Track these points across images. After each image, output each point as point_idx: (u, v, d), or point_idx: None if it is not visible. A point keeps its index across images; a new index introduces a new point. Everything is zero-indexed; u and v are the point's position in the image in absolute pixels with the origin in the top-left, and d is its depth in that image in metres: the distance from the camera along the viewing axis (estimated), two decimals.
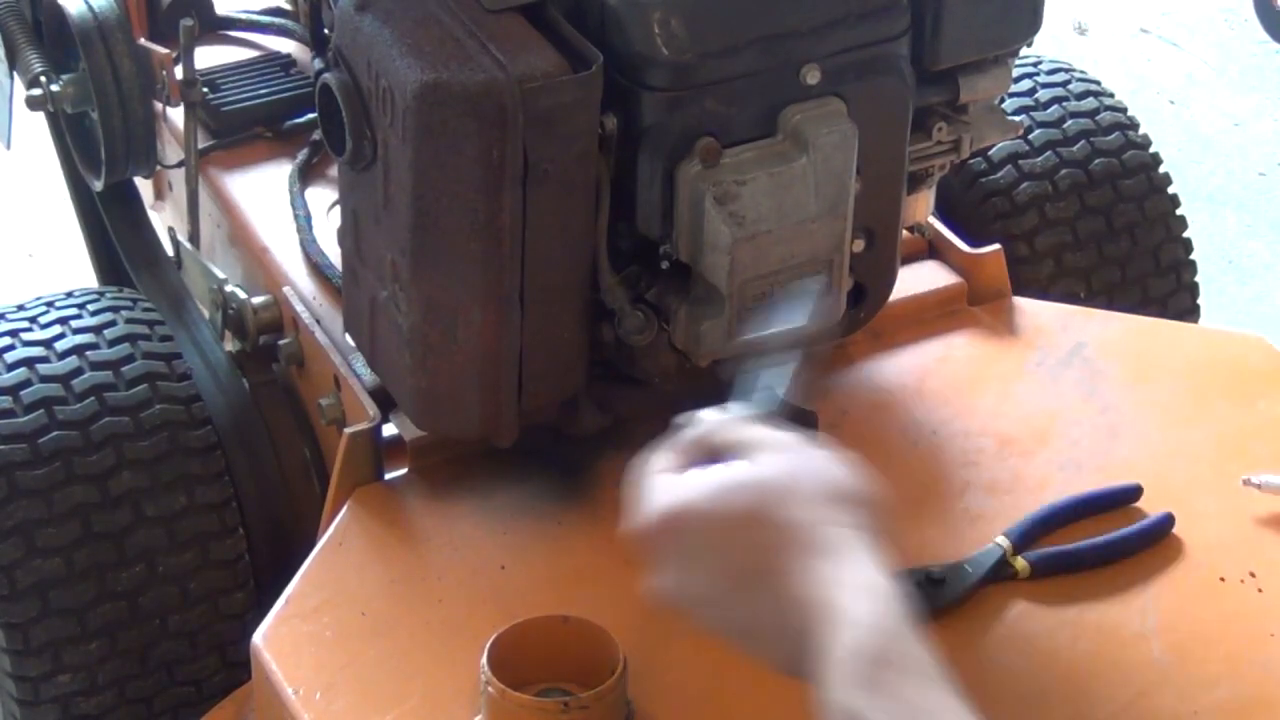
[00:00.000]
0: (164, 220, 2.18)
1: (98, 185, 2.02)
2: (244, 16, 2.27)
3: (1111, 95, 2.19)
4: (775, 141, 1.53)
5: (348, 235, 1.61)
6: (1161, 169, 2.13)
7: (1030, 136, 2.09)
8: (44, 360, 1.80)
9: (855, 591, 1.06)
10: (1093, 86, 2.18)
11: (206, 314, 1.95)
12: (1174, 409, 1.74)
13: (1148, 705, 1.46)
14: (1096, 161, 2.10)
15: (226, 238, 2.01)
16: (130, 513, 1.75)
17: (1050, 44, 1.96)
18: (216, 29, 2.23)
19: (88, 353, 1.81)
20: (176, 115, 2.03)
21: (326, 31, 1.93)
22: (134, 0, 2.10)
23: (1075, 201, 2.08)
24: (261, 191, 2.00)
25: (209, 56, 2.15)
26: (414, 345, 1.53)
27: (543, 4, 1.49)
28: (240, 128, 2.08)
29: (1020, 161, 2.08)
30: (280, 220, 1.95)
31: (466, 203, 1.45)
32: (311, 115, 1.87)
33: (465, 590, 1.55)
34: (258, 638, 1.51)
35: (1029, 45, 1.72)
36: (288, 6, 2.25)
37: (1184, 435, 1.71)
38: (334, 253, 1.80)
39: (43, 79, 1.99)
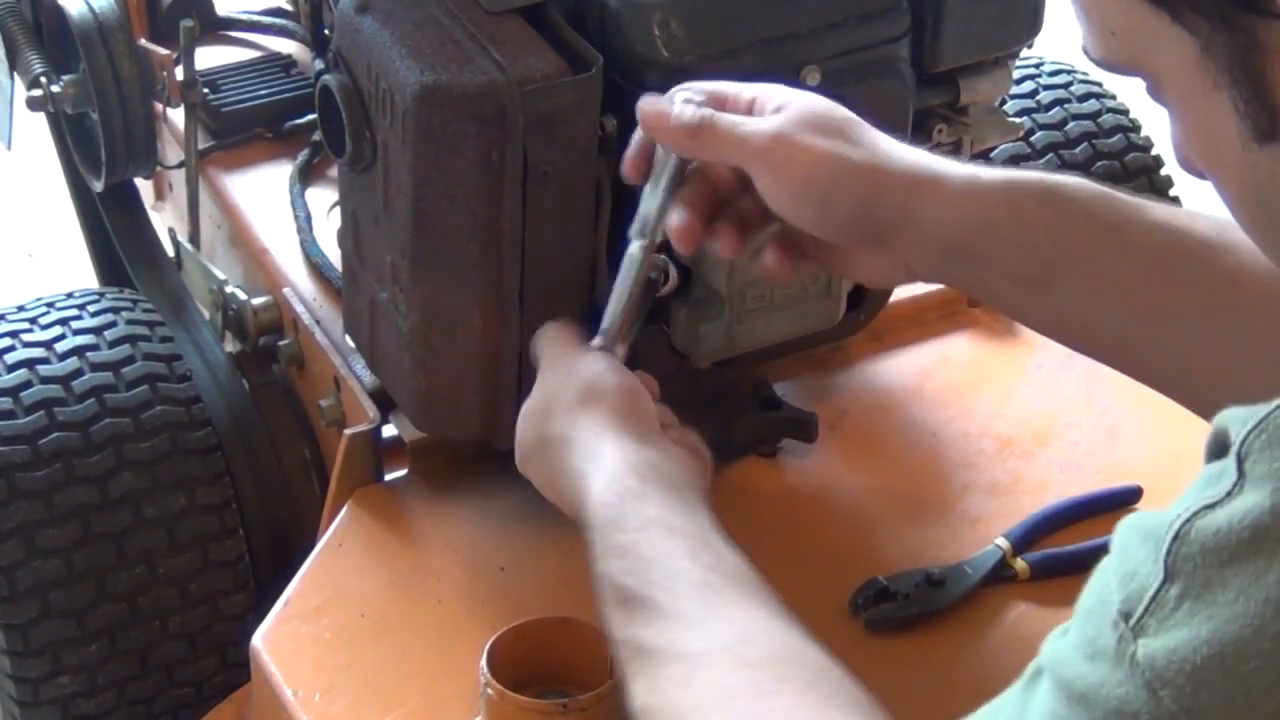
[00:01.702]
0: (164, 221, 2.18)
1: (98, 186, 2.02)
2: (244, 17, 2.26)
3: (1114, 97, 2.19)
4: None
5: (347, 237, 1.61)
6: (1164, 171, 2.13)
7: (1032, 139, 2.09)
8: (44, 361, 1.80)
9: (595, 477, 1.23)
10: (1095, 88, 2.18)
11: (207, 315, 1.95)
12: (1174, 410, 1.73)
13: None
14: (1099, 164, 2.10)
15: (227, 238, 2.01)
16: (130, 514, 1.75)
17: (1051, 45, 1.96)
18: (217, 29, 2.23)
19: (88, 354, 1.81)
20: (177, 116, 2.03)
21: (327, 32, 1.93)
22: (134, 1, 2.10)
23: None
24: (262, 192, 2.00)
25: (209, 57, 2.15)
26: (414, 347, 1.53)
27: (543, 6, 1.49)
28: (240, 128, 2.08)
29: (1022, 164, 2.08)
30: (280, 221, 1.95)
31: (466, 205, 1.45)
32: (312, 116, 1.87)
33: (465, 592, 1.55)
34: (257, 639, 1.51)
35: (1030, 46, 1.72)
36: (288, 7, 2.25)
37: (1184, 436, 1.70)
38: (334, 254, 1.80)
39: (43, 79, 1.99)
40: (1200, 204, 1.29)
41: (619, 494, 1.21)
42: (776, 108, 1.28)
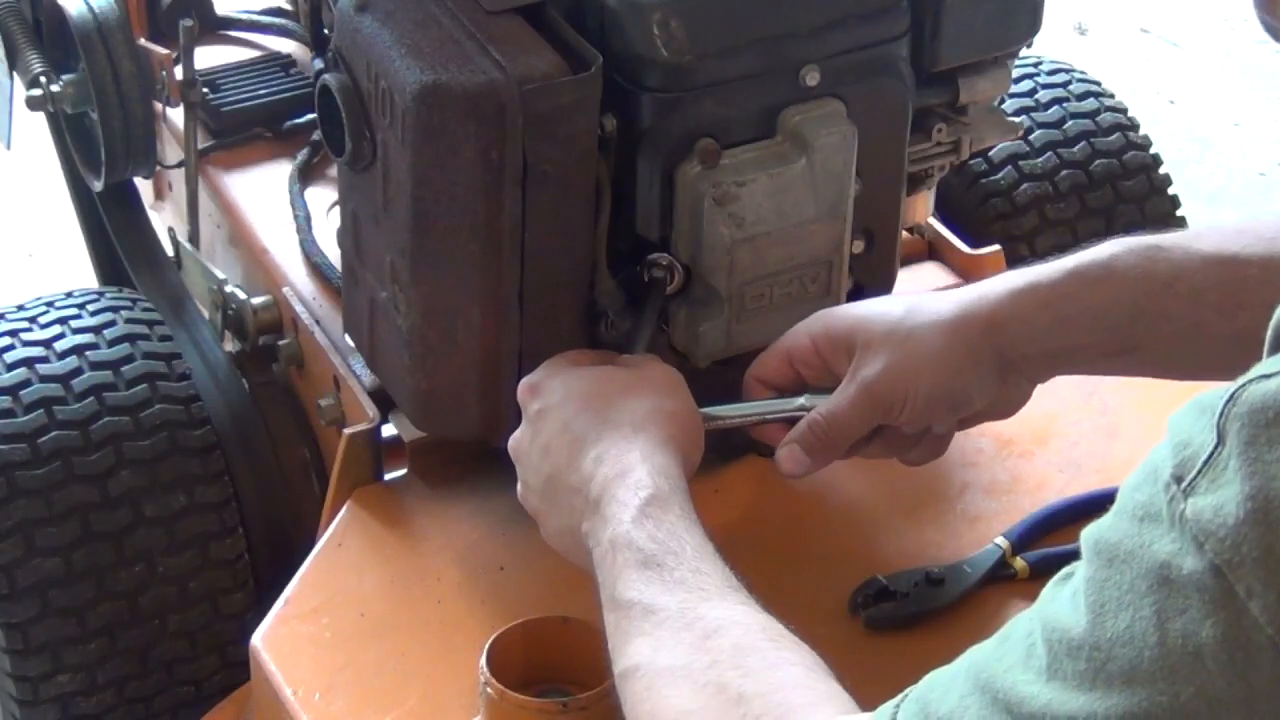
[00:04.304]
0: (164, 220, 2.18)
1: (98, 185, 2.02)
2: (244, 16, 2.26)
3: (1112, 96, 2.19)
4: (775, 143, 1.53)
5: (347, 236, 1.61)
6: (1162, 170, 2.13)
7: (1030, 137, 2.09)
8: (44, 360, 1.80)
9: (653, 458, 1.30)
10: (1093, 87, 2.18)
11: (206, 314, 1.95)
12: (1173, 410, 1.74)
13: None
14: (1097, 162, 2.10)
15: (226, 238, 2.01)
16: (130, 512, 1.75)
17: (1050, 44, 1.96)
18: (216, 29, 2.23)
19: (87, 353, 1.81)
20: (176, 115, 2.03)
21: (326, 32, 1.93)
22: (134, 1, 2.10)
23: (1076, 202, 2.08)
24: (261, 192, 2.00)
25: (209, 56, 2.15)
26: (413, 346, 1.53)
27: (542, 5, 1.49)
28: (240, 128, 2.08)
29: (1020, 162, 2.08)
30: (280, 220, 1.95)
31: (466, 204, 1.45)
32: (311, 116, 1.87)
33: (464, 591, 1.55)
34: (257, 638, 1.51)
35: (1029, 46, 1.72)
36: (288, 6, 2.25)
37: None
38: (334, 253, 1.80)
39: (43, 79, 1.99)
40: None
41: (672, 485, 1.27)
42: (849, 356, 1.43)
